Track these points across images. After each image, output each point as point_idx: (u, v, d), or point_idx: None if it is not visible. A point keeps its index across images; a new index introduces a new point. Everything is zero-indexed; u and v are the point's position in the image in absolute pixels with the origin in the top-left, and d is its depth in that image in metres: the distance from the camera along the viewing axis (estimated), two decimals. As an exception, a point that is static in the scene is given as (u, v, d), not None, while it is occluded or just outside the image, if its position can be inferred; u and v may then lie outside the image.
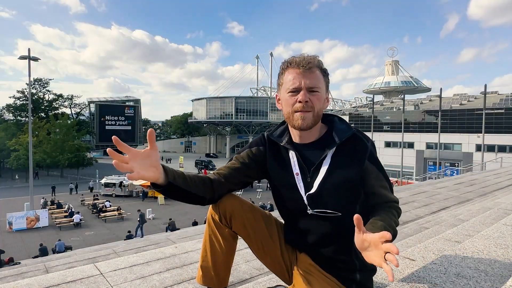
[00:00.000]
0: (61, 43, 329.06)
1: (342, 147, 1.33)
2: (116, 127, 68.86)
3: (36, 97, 56.24)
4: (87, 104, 69.65)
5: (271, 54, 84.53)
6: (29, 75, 21.28)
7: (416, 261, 1.79)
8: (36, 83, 57.21)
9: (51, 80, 61.33)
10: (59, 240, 15.93)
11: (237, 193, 1.48)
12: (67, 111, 62.63)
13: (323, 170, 1.32)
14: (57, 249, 14.82)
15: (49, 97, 60.49)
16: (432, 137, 38.27)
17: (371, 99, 47.69)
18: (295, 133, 1.40)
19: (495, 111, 36.31)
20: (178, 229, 14.25)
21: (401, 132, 34.81)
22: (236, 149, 75.36)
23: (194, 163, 50.58)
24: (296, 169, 1.36)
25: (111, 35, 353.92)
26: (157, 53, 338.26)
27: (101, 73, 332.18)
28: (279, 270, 1.50)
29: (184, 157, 44.88)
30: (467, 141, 37.36)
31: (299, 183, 1.35)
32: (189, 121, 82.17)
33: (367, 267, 1.38)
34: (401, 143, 35.92)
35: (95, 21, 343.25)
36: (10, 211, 21.68)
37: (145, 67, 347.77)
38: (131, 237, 15.99)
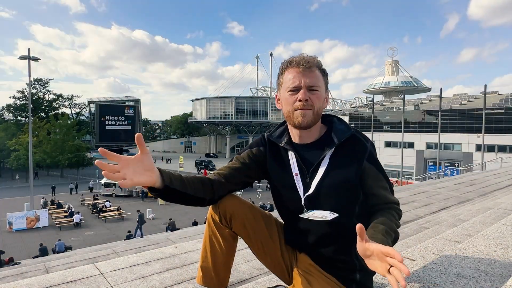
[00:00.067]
0: (61, 43, 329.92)
1: (341, 147, 1.33)
2: (116, 127, 68.86)
3: (36, 97, 56.25)
4: (87, 104, 69.65)
5: (271, 54, 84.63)
6: (29, 75, 21.30)
7: (416, 261, 1.79)
8: (36, 83, 57.22)
9: (51, 80, 61.44)
10: (59, 240, 15.93)
11: (237, 193, 1.48)
12: (67, 111, 62.73)
13: (321, 170, 1.32)
14: (57, 249, 14.82)
15: (49, 97, 60.55)
16: (432, 137, 38.26)
17: (371, 99, 47.70)
18: (294, 133, 1.40)
19: (495, 111, 36.29)
20: (178, 229, 14.25)
21: (401, 132, 34.81)
22: (236, 149, 75.31)
23: (194, 163, 50.56)
24: (295, 169, 1.37)
25: (111, 35, 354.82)
26: (157, 53, 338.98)
27: (101, 73, 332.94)
28: (279, 270, 1.50)
29: (184, 157, 44.86)
30: (467, 141, 37.35)
31: (298, 183, 1.35)
32: (189, 121, 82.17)
33: (367, 267, 1.38)
34: (401, 143, 35.91)
35: (95, 21, 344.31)
36: (10, 211, 21.69)
37: (145, 67, 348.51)
38: (131, 237, 16.00)
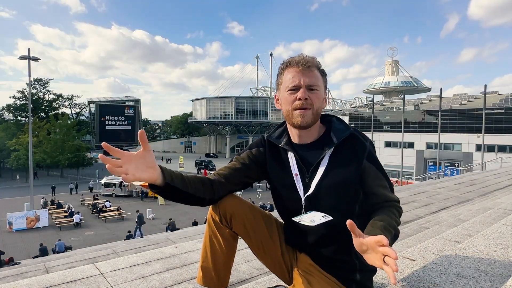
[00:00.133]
0: (61, 43, 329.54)
1: (340, 147, 1.33)
2: (116, 127, 68.88)
3: (36, 97, 56.24)
4: (87, 104, 69.70)
5: (271, 54, 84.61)
6: (29, 75, 21.30)
7: (416, 261, 1.79)
8: (36, 83, 57.21)
9: (51, 80, 61.42)
10: (59, 240, 15.93)
11: (237, 194, 1.48)
12: (67, 111, 62.77)
13: (321, 170, 1.32)
14: (57, 249, 14.82)
15: (49, 97, 60.54)
16: (432, 137, 38.24)
17: (371, 99, 47.69)
18: (294, 133, 1.40)
19: (495, 111, 36.27)
20: (178, 229, 14.24)
21: (401, 132, 34.82)
22: (236, 149, 75.30)
23: (194, 163, 50.56)
24: (295, 170, 1.37)
25: (111, 35, 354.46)
26: (157, 53, 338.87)
27: (101, 73, 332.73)
28: (279, 270, 1.50)
29: (184, 157, 44.79)
30: (467, 141, 37.34)
31: (298, 183, 1.35)
32: (189, 121, 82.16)
33: (367, 267, 1.38)
34: (401, 143, 35.92)
35: (95, 21, 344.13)
36: (10, 211, 21.69)
37: (145, 67, 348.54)
38: (131, 237, 16.00)
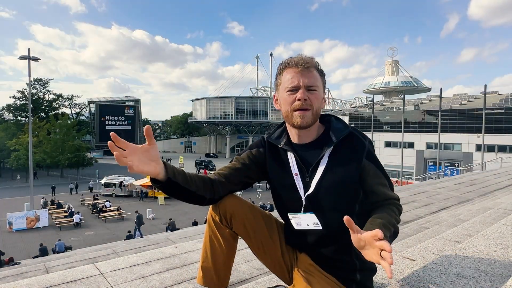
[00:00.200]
0: (61, 43, 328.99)
1: (339, 146, 1.34)
2: (116, 127, 68.79)
3: (36, 97, 56.21)
4: (87, 104, 69.67)
5: (271, 54, 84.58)
6: (29, 75, 21.30)
7: (416, 261, 1.79)
8: (36, 83, 57.19)
9: (51, 80, 61.37)
10: (59, 240, 15.93)
11: (237, 194, 1.48)
12: (67, 111, 62.71)
13: (321, 169, 1.33)
14: (57, 249, 14.82)
15: (49, 97, 60.49)
16: (432, 137, 38.25)
17: (371, 99, 47.68)
18: (293, 133, 1.40)
19: (495, 111, 36.28)
20: (178, 229, 14.24)
21: (401, 132, 34.82)
22: (236, 149, 75.27)
23: (194, 163, 50.59)
24: (295, 169, 1.37)
25: (111, 35, 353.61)
26: (157, 53, 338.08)
27: (101, 73, 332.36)
28: (279, 270, 1.50)
29: (184, 157, 44.89)
30: (467, 141, 37.34)
31: (298, 183, 1.36)
32: (189, 121, 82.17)
33: (367, 267, 1.38)
34: (401, 143, 35.93)
35: (95, 21, 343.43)
36: (10, 211, 21.68)
37: (145, 67, 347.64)
38: (131, 237, 15.99)
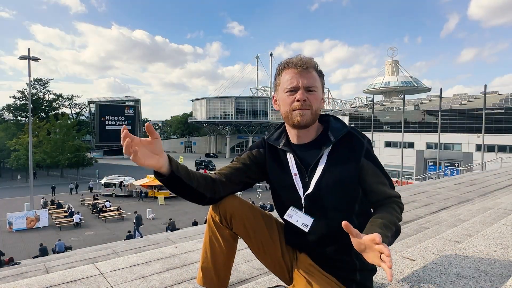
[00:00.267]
0: (61, 43, 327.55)
1: (338, 145, 1.34)
2: (116, 127, 68.78)
3: (36, 97, 56.23)
4: (87, 104, 69.66)
5: (271, 54, 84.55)
6: (29, 75, 21.30)
7: (416, 261, 1.79)
8: (36, 83, 57.20)
9: (51, 80, 61.41)
10: (59, 240, 15.93)
11: (237, 194, 1.48)
12: (67, 111, 62.72)
13: (320, 169, 1.33)
14: (57, 249, 14.83)
15: (49, 97, 60.51)
16: (432, 137, 38.25)
17: (371, 99, 47.69)
18: (293, 133, 1.41)
19: (495, 111, 36.28)
20: (178, 229, 14.25)
21: (401, 132, 34.82)
22: (236, 149, 75.26)
23: (194, 163, 50.59)
24: (294, 169, 1.38)
25: (111, 35, 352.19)
26: (157, 53, 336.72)
27: (101, 73, 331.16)
28: (279, 270, 1.50)
29: (184, 157, 44.77)
30: (467, 141, 37.35)
31: (298, 183, 1.36)
32: (189, 121, 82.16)
33: (367, 267, 1.38)
34: (401, 143, 35.93)
35: (95, 21, 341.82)
36: (10, 211, 21.69)
37: (145, 67, 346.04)
38: (131, 237, 15.99)
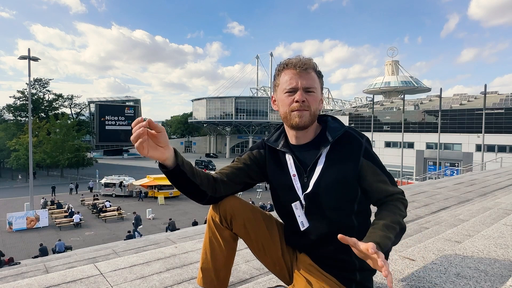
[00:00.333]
0: (62, 43, 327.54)
1: (336, 145, 1.34)
2: (116, 127, 68.80)
3: (36, 97, 56.20)
4: (87, 104, 69.64)
5: (271, 54, 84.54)
6: (29, 75, 21.28)
7: (416, 261, 1.79)
8: (36, 83, 57.17)
9: (51, 80, 61.42)
10: (59, 240, 15.93)
11: (237, 194, 1.48)
12: (67, 111, 62.65)
13: (318, 169, 1.33)
14: (57, 249, 14.83)
15: (49, 97, 60.47)
16: (432, 137, 38.26)
17: (371, 99, 47.64)
18: (291, 134, 1.41)
19: (495, 111, 36.30)
20: (178, 229, 14.26)
21: (401, 132, 34.80)
22: (236, 149, 75.25)
23: (194, 163, 50.50)
24: (293, 170, 1.38)
25: (112, 35, 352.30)
26: (157, 53, 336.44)
27: (101, 73, 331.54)
28: (279, 270, 1.50)
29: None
30: (467, 141, 37.35)
31: (296, 184, 1.36)
32: (189, 121, 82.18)
33: (367, 267, 1.38)
34: (401, 143, 35.89)
35: (96, 21, 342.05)
36: (10, 211, 21.71)
37: (146, 67, 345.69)
38: (131, 237, 15.99)
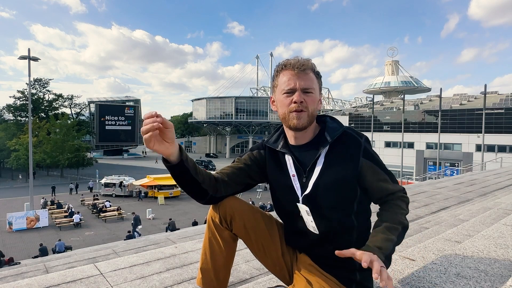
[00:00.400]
0: (62, 43, 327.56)
1: (335, 145, 1.34)
2: (116, 127, 68.79)
3: (36, 97, 56.15)
4: (87, 104, 69.58)
5: (271, 54, 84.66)
6: (29, 75, 21.28)
7: (416, 261, 1.79)
8: (36, 83, 57.12)
9: (51, 80, 61.38)
10: (59, 240, 15.94)
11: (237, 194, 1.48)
12: (67, 111, 62.57)
13: (317, 169, 1.33)
14: (57, 249, 14.83)
15: (49, 97, 60.39)
16: (432, 137, 38.27)
17: (371, 99, 47.65)
18: (290, 134, 1.41)
19: (495, 111, 36.31)
20: (178, 229, 14.27)
21: (401, 132, 34.81)
22: (236, 149, 75.25)
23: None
24: (292, 171, 1.38)
25: (112, 35, 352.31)
26: (157, 53, 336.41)
27: (101, 73, 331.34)
28: (279, 271, 1.50)
29: (184, 157, 44.93)
30: (467, 141, 37.37)
31: (296, 184, 1.37)
32: (189, 121, 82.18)
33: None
34: (401, 143, 35.90)
35: (96, 21, 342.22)
36: (10, 211, 21.70)
37: (146, 67, 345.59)
38: (131, 237, 15.99)
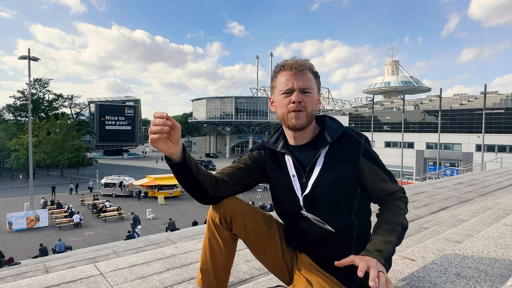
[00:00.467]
0: (62, 43, 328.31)
1: (335, 145, 1.35)
2: (116, 127, 68.79)
3: (36, 97, 56.12)
4: (87, 104, 69.57)
5: (271, 54, 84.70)
6: (29, 75, 21.29)
7: (416, 261, 1.79)
8: (36, 83, 57.10)
9: (51, 80, 61.36)
10: (59, 240, 15.94)
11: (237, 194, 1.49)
12: (67, 111, 62.53)
13: (317, 170, 1.34)
14: (57, 249, 14.84)
15: (49, 97, 60.36)
16: (432, 137, 38.27)
17: (371, 99, 47.65)
18: (289, 135, 1.42)
19: (495, 111, 36.31)
20: (178, 229, 14.27)
21: (401, 132, 34.81)
22: (236, 149, 75.26)
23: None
24: (292, 171, 1.38)
25: (112, 35, 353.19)
26: (157, 53, 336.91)
27: (101, 73, 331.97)
28: (279, 271, 1.50)
29: (184, 157, 44.91)
30: (467, 141, 37.37)
31: (296, 184, 1.37)
32: (189, 121, 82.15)
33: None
34: (401, 143, 35.90)
35: (96, 21, 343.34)
36: (10, 211, 21.70)
37: (146, 67, 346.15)
38: (131, 237, 16.00)
